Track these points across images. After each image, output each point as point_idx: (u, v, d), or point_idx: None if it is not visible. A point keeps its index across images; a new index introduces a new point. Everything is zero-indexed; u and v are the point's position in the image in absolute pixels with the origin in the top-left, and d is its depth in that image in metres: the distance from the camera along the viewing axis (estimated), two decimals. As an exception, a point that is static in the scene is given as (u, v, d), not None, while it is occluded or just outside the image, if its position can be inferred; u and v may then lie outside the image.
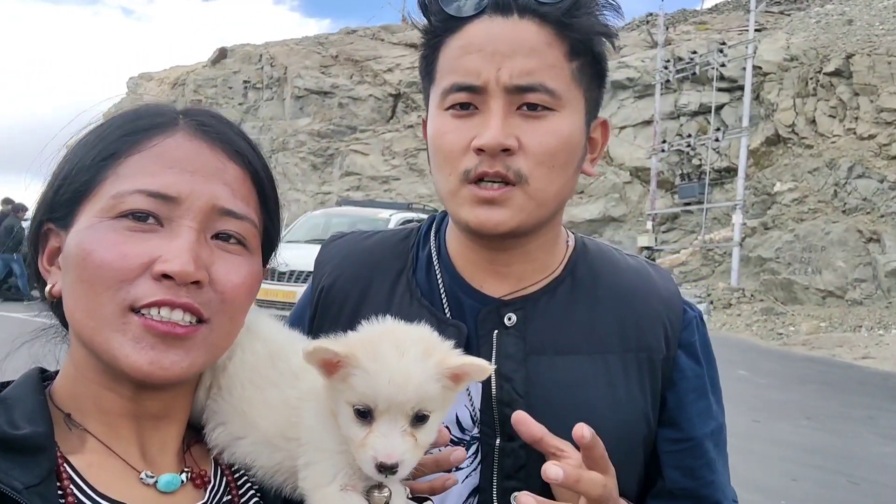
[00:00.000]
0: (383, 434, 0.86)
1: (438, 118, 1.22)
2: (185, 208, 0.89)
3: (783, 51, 25.26)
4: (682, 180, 25.39)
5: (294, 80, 35.20)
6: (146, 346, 0.87)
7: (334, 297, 1.33)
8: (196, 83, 38.50)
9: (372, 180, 31.17)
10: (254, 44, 40.05)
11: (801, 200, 21.84)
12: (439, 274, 1.31)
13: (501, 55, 1.14)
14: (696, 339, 1.30)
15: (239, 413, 0.99)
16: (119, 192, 0.88)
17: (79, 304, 0.89)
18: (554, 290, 1.28)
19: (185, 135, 0.94)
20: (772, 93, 24.67)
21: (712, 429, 1.28)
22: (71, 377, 0.95)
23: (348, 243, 1.43)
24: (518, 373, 1.20)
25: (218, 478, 1.00)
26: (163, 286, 0.86)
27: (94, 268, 0.86)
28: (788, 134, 23.89)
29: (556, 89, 1.15)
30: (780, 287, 19.75)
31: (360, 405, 0.87)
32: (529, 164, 1.15)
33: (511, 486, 1.17)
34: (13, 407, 0.87)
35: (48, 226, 0.95)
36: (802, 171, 22.57)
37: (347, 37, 39.23)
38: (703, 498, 1.26)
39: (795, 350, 15.29)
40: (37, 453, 0.82)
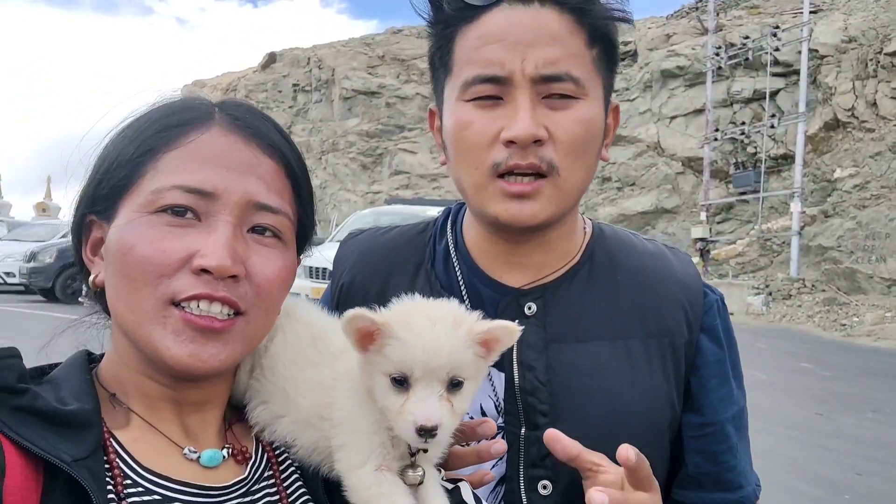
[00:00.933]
0: (421, 398, 0.89)
1: (459, 110, 1.19)
2: (222, 203, 0.91)
3: (840, 32, 24.36)
4: (736, 169, 24.76)
5: (342, 82, 35.66)
6: (185, 340, 0.89)
7: (355, 293, 1.33)
8: (247, 88, 39.35)
9: (421, 178, 31.36)
10: (302, 47, 40.77)
11: (863, 186, 21.06)
12: (457, 266, 1.31)
13: (524, 45, 1.12)
14: (718, 322, 1.29)
15: (280, 392, 1.02)
16: (158, 188, 0.90)
17: (120, 298, 0.91)
18: (572, 278, 1.27)
19: (221, 130, 0.95)
20: (829, 76, 23.83)
21: (734, 413, 1.27)
22: (114, 363, 0.98)
23: (365, 240, 1.44)
24: (539, 361, 1.20)
25: (259, 454, 1.02)
26: (201, 280, 0.89)
27: (135, 263, 0.88)
28: (848, 118, 23.04)
29: (580, 77, 1.15)
30: (842, 276, 19.09)
31: (397, 374, 0.90)
32: (559, 154, 1.15)
33: (537, 475, 1.18)
34: (61, 386, 0.91)
35: (90, 217, 0.97)
36: (864, 155, 21.74)
37: (393, 36, 39.52)
38: (726, 482, 1.26)
39: (860, 341, 14.77)
40: (84, 428, 0.85)
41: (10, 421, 0.80)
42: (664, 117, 26.31)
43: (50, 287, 17.09)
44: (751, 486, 1.29)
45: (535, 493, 1.17)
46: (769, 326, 16.77)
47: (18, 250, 19.01)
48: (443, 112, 1.26)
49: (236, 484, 0.96)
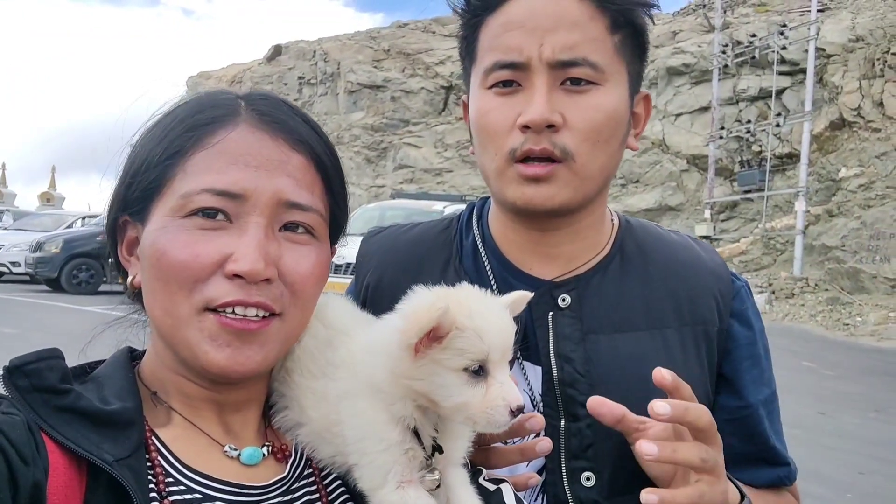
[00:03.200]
0: (503, 382, 0.88)
1: (481, 97, 1.21)
2: (252, 204, 0.90)
3: (848, 31, 24.25)
4: (741, 167, 24.70)
5: (347, 75, 35.61)
6: (222, 344, 0.89)
7: (384, 292, 1.31)
8: (253, 80, 39.32)
9: (425, 173, 31.35)
10: (307, 40, 40.64)
11: (868, 186, 21.00)
12: (486, 260, 1.30)
13: (543, 30, 1.13)
14: (747, 306, 1.29)
15: (297, 401, 1.00)
16: (187, 192, 0.89)
17: (156, 302, 0.92)
18: (605, 269, 1.26)
19: (248, 127, 0.93)
20: (836, 75, 23.74)
21: (766, 396, 1.27)
22: (154, 362, 0.99)
23: (390, 237, 1.43)
24: (577, 352, 1.19)
25: (298, 452, 1.02)
26: (235, 285, 0.88)
27: (168, 268, 0.88)
28: (854, 117, 22.96)
29: (599, 63, 1.14)
30: (846, 276, 19.07)
31: (474, 365, 0.87)
32: (575, 140, 1.14)
33: (579, 466, 1.16)
34: (104, 385, 0.91)
35: (124, 218, 0.97)
36: (869, 155, 21.68)
37: (399, 30, 39.43)
38: (766, 460, 1.26)
39: (863, 341, 14.77)
40: (126, 427, 0.86)
41: (54, 421, 0.81)
42: (669, 115, 26.24)
43: (55, 277, 17.14)
44: (793, 466, 1.28)
45: (577, 484, 1.16)
46: (772, 325, 16.77)
47: (24, 240, 19.08)
48: (469, 102, 1.27)
49: (276, 483, 0.96)
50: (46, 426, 0.80)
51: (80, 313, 13.18)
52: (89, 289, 17.05)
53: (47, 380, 0.83)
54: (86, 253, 17.27)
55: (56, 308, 14.32)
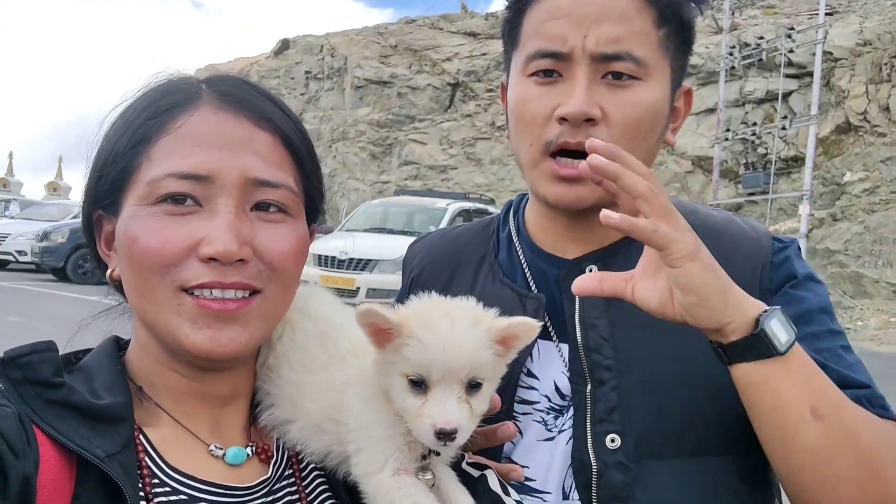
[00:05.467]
0: (440, 401, 0.87)
1: (521, 85, 1.19)
2: (220, 185, 0.89)
3: (856, 35, 24.19)
4: (746, 170, 24.67)
5: (354, 71, 35.63)
6: (203, 326, 0.89)
7: (423, 285, 1.32)
8: (259, 74, 39.38)
9: (430, 170, 31.38)
10: (315, 34, 40.67)
11: (873, 191, 20.97)
12: (520, 250, 1.32)
13: (589, 20, 1.11)
14: (789, 258, 1.22)
15: (289, 397, 0.99)
16: (153, 178, 0.88)
17: (134, 290, 0.91)
18: (632, 241, 1.20)
19: (210, 108, 0.92)
20: (843, 79, 23.69)
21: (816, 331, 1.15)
22: (139, 355, 0.98)
23: (433, 238, 1.48)
24: (601, 319, 1.18)
25: (280, 452, 1.02)
26: (210, 267, 0.87)
27: (140, 255, 0.88)
28: (860, 122, 22.91)
29: (642, 58, 1.13)
30: (848, 280, 19.07)
31: (415, 375, 0.88)
32: (613, 135, 1.12)
33: (604, 430, 1.14)
34: (93, 376, 0.91)
35: (98, 212, 0.97)
36: (874, 160, 21.64)
37: (406, 26, 39.42)
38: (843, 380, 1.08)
39: (863, 345, 14.79)
40: (116, 423, 0.85)
41: (46, 414, 0.81)
42: (675, 115, 26.23)
43: (61, 267, 17.25)
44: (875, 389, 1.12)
45: (602, 448, 1.14)
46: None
47: (30, 229, 19.18)
48: (509, 87, 1.26)
49: (260, 484, 0.96)
50: (38, 419, 0.80)
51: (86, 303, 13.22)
52: (95, 278, 17.14)
53: (41, 373, 0.82)
54: (91, 243, 17.36)
55: (61, 297, 14.41)
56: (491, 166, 31.02)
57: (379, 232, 12.91)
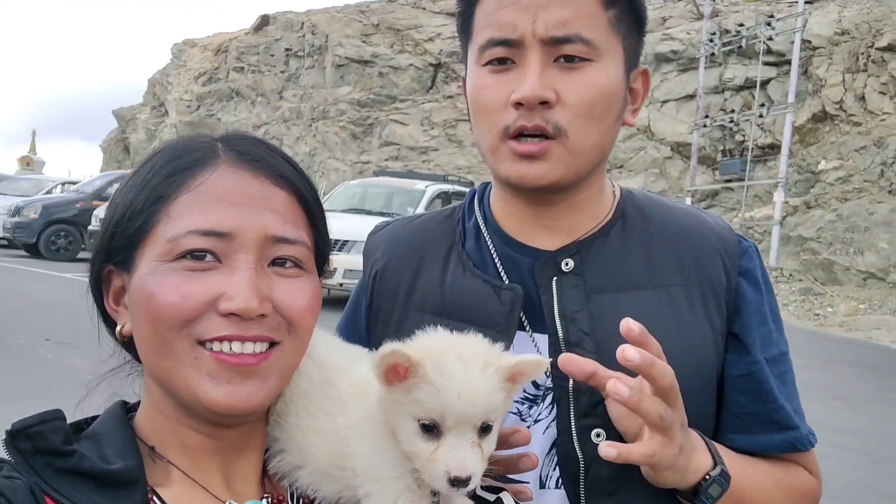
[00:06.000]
0: (454, 448, 0.85)
1: (476, 75, 1.22)
2: (239, 242, 0.90)
3: (834, 24, 24.41)
4: (723, 156, 24.92)
5: (335, 49, 35.28)
6: (222, 381, 0.88)
7: (388, 279, 1.34)
8: (238, 50, 38.84)
9: (410, 150, 31.28)
10: (296, 11, 40.14)
11: (846, 179, 21.31)
12: (489, 239, 1.31)
13: (536, 6, 1.14)
14: (755, 265, 1.29)
15: (295, 443, 0.98)
16: (174, 235, 0.89)
17: (150, 346, 0.91)
18: (607, 233, 1.27)
19: (228, 167, 0.94)
20: (820, 68, 23.94)
21: (774, 355, 1.25)
22: (150, 413, 0.97)
23: (394, 229, 1.44)
24: (581, 313, 1.20)
25: (295, 500, 1.00)
26: (230, 322, 0.88)
27: (158, 310, 0.87)
28: (836, 111, 23.20)
29: (592, 39, 1.15)
30: (820, 267, 19.44)
31: (427, 419, 0.86)
32: (568, 117, 1.15)
33: (588, 424, 1.17)
34: (103, 442, 0.90)
35: (109, 268, 0.96)
36: (849, 149, 21.96)
37: (389, 5, 39.04)
38: (775, 422, 1.22)
39: (832, 331, 15.12)
40: (129, 487, 0.85)
41: (57, 484, 0.81)
42: (656, 101, 26.35)
43: (34, 243, 17.00)
44: (804, 430, 1.24)
45: (588, 442, 1.16)
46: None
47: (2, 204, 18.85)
48: (466, 79, 1.29)
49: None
50: (50, 489, 0.80)
51: (58, 280, 13.10)
52: (67, 255, 16.94)
53: (51, 442, 0.82)
54: (64, 219, 17.15)
55: (33, 274, 14.23)
56: (472, 149, 30.95)
57: (357, 213, 12.82)
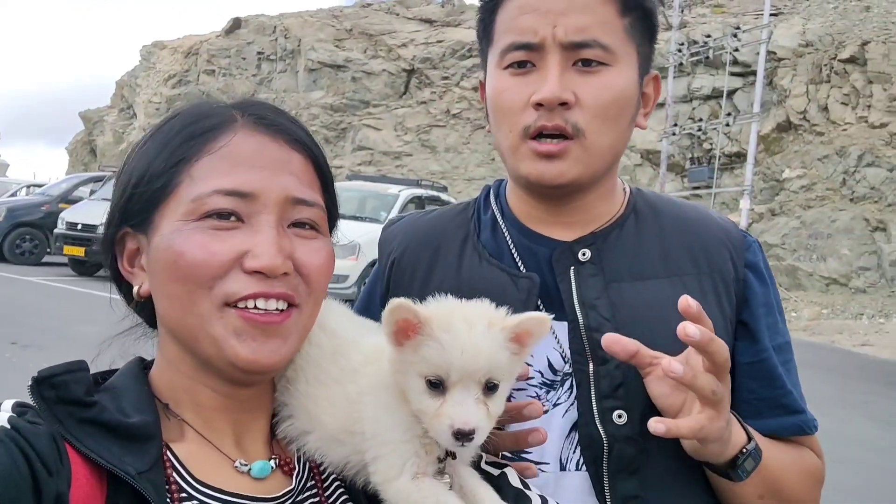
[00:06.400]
0: (458, 402, 0.88)
1: (497, 77, 1.27)
2: (262, 203, 0.93)
3: (798, 36, 25.07)
4: (692, 164, 25.37)
5: (308, 53, 35.18)
6: (248, 339, 0.91)
7: (405, 266, 1.38)
8: (209, 53, 38.51)
9: (384, 155, 31.29)
10: (268, 14, 39.94)
11: (810, 188, 21.85)
12: (506, 231, 1.35)
13: (556, 13, 1.19)
14: (759, 259, 1.34)
15: (305, 409, 1.00)
16: (198, 195, 0.91)
17: (174, 304, 0.92)
18: (621, 225, 1.32)
19: (247, 131, 0.96)
20: (785, 78, 24.54)
21: (780, 344, 1.31)
22: (165, 371, 0.99)
23: (409, 221, 1.50)
24: (601, 300, 1.24)
25: (301, 464, 1.03)
26: (254, 279, 0.90)
27: (187, 268, 0.89)
28: (800, 121, 23.80)
29: (609, 45, 1.20)
30: (784, 273, 19.89)
31: (433, 376, 0.89)
32: (586, 118, 1.20)
33: (610, 406, 1.20)
34: (121, 396, 0.92)
35: (125, 230, 0.98)
36: (812, 158, 22.53)
37: (362, 10, 39.06)
38: (784, 406, 1.28)
39: (796, 335, 15.38)
40: (146, 441, 0.87)
41: (78, 433, 0.82)
42: (626, 109, 26.71)
43: (-2, 246, 16.63)
44: (810, 415, 1.30)
45: (610, 423, 1.20)
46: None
47: (-35, 207, 18.42)
48: (486, 82, 1.34)
49: (285, 494, 0.98)
50: (71, 437, 0.82)
51: (24, 283, 12.86)
52: (33, 259, 16.62)
53: (73, 392, 0.85)
54: (30, 222, 16.82)
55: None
56: (445, 154, 31.11)
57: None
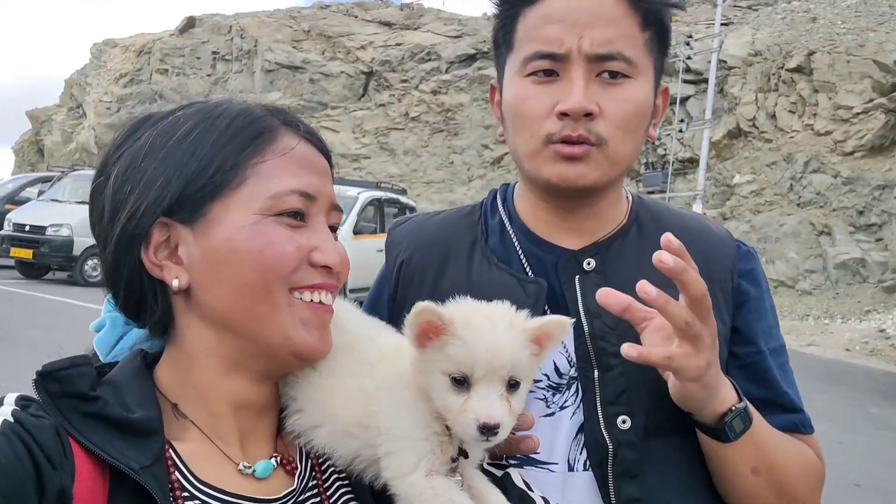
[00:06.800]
0: (483, 398, 0.91)
1: (518, 84, 1.28)
2: (320, 205, 1.01)
3: (748, 46, 25.79)
4: (646, 169, 25.88)
5: (265, 54, 34.79)
6: (313, 328, 0.97)
7: (415, 268, 1.40)
8: (163, 52, 37.77)
9: (342, 158, 31.08)
10: (224, 14, 39.39)
11: (759, 193, 22.51)
12: (514, 236, 1.38)
13: (582, 25, 1.21)
14: (754, 267, 1.38)
15: (316, 402, 1.01)
16: (277, 192, 0.96)
17: (244, 293, 0.94)
18: (625, 236, 1.36)
19: (304, 140, 1.04)
20: (735, 86, 25.23)
21: (774, 347, 1.34)
22: (183, 368, 0.99)
23: (416, 223, 1.52)
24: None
25: (303, 462, 1.04)
26: (321, 273, 0.98)
27: (274, 258, 0.94)
28: (749, 128, 24.49)
29: (632, 57, 1.23)
30: (735, 276, 20.39)
31: (458, 373, 0.91)
32: (609, 128, 1.23)
33: (615, 411, 1.24)
34: (123, 390, 0.92)
35: (162, 220, 0.96)
36: (761, 164, 23.22)
37: (320, 11, 38.81)
38: (782, 405, 1.31)
39: (746, 336, 15.84)
40: (149, 436, 0.87)
41: (82, 427, 0.83)
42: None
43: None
44: (807, 415, 1.33)
45: (614, 428, 1.24)
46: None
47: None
48: (503, 87, 1.35)
49: (287, 495, 0.99)
50: (75, 431, 0.82)
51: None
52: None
53: (78, 386, 0.85)
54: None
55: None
56: (404, 157, 31.09)
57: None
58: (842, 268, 19.45)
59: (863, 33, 24.05)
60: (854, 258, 19.45)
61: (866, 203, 20.40)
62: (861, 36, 23.85)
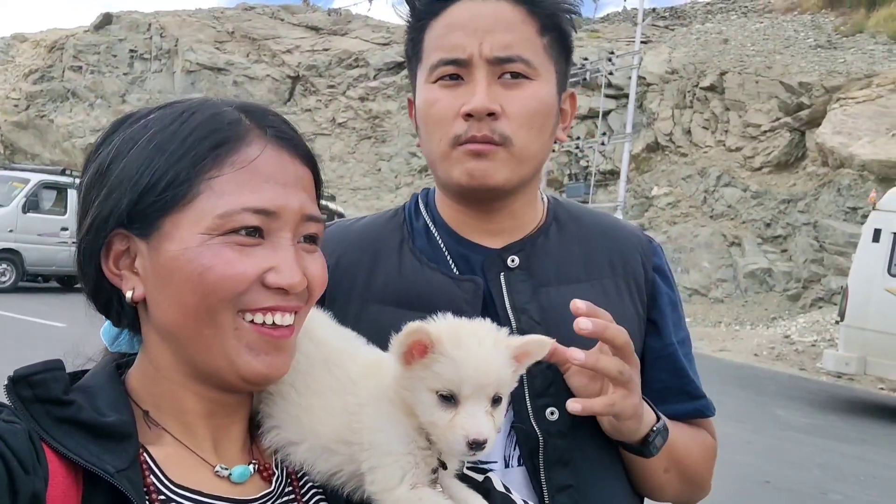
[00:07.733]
0: (471, 415, 0.92)
1: (427, 91, 1.34)
2: (283, 221, 0.93)
3: (666, 63, 26.85)
4: (570, 180, 26.52)
5: (185, 54, 33.78)
6: (261, 353, 0.92)
7: (344, 272, 1.40)
8: (76, 48, 36.10)
9: (266, 163, 30.45)
10: (142, 11, 38.02)
11: (675, 205, 23.43)
12: (439, 237, 1.42)
13: (483, 31, 1.28)
14: (663, 262, 1.49)
15: (294, 419, 1.00)
16: (227, 211, 0.90)
17: (187, 314, 0.91)
18: (546, 232, 1.42)
19: (273, 148, 0.96)
20: (654, 102, 26.23)
21: (682, 337, 1.45)
22: (149, 376, 0.97)
23: (340, 228, 1.52)
24: (531, 304, 1.33)
25: (279, 469, 1.03)
26: (274, 294, 0.92)
27: (214, 282, 0.89)
28: (666, 142, 25.49)
29: (531, 60, 1.30)
30: (652, 284, 21.11)
31: (445, 391, 0.92)
32: (512, 127, 1.28)
33: (543, 403, 1.29)
34: (95, 395, 0.90)
35: (118, 231, 0.93)
36: (677, 177, 24.19)
37: (245, 13, 38.01)
38: (688, 392, 1.43)
39: (663, 342, 16.44)
40: (123, 440, 0.86)
41: (55, 432, 0.82)
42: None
43: None
44: (709, 400, 1.46)
45: (543, 420, 1.29)
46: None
47: None
48: (415, 97, 1.41)
49: (264, 496, 0.98)
50: (48, 436, 0.81)
51: None
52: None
53: (52, 391, 0.84)
54: None
55: None
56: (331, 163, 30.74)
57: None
58: (750, 277, 20.45)
59: (770, 55, 25.46)
60: (761, 268, 20.49)
61: (773, 216, 21.53)
62: (769, 58, 25.24)
